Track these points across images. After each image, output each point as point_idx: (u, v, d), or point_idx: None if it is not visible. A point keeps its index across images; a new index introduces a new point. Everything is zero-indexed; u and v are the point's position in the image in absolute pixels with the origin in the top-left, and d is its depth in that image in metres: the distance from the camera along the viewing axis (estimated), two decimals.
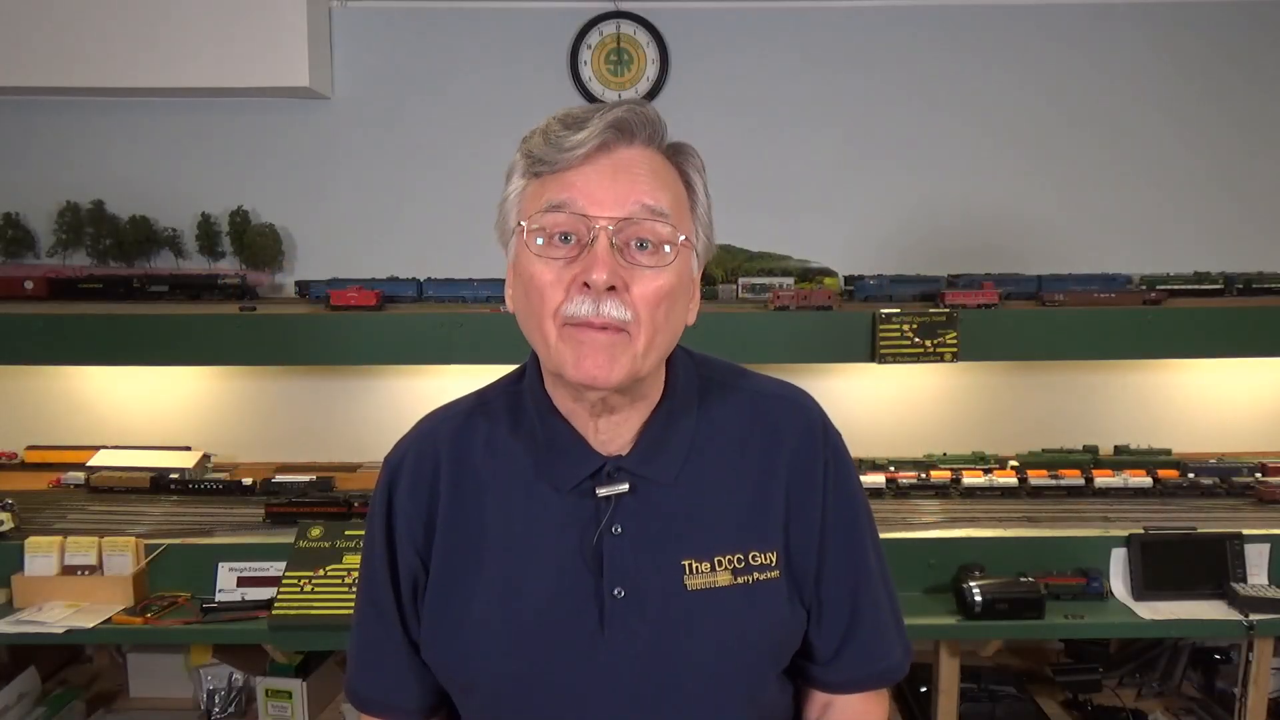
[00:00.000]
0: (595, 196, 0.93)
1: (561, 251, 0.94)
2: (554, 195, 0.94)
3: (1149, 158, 3.07)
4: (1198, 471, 2.74)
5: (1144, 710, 2.60)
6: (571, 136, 0.94)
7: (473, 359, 2.60)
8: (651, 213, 0.94)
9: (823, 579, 1.07)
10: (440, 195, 3.06)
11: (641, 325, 0.94)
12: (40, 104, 3.02)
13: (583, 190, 0.94)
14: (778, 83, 3.07)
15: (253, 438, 3.08)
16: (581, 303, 0.93)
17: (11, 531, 2.37)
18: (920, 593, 2.36)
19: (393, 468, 1.10)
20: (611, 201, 0.93)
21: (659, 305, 0.95)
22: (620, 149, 0.96)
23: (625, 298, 0.93)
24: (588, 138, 0.93)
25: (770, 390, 1.12)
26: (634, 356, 0.95)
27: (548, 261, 0.95)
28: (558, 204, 0.94)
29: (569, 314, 0.93)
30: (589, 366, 0.93)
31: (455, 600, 1.04)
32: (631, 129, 0.96)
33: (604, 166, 0.95)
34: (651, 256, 0.95)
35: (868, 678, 1.11)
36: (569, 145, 0.94)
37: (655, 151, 0.98)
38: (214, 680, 2.58)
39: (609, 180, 0.94)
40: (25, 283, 2.80)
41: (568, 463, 1.03)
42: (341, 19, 3.03)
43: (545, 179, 0.96)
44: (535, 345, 1.00)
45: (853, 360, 2.66)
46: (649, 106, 0.98)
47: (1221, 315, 2.65)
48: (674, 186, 0.99)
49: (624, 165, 0.95)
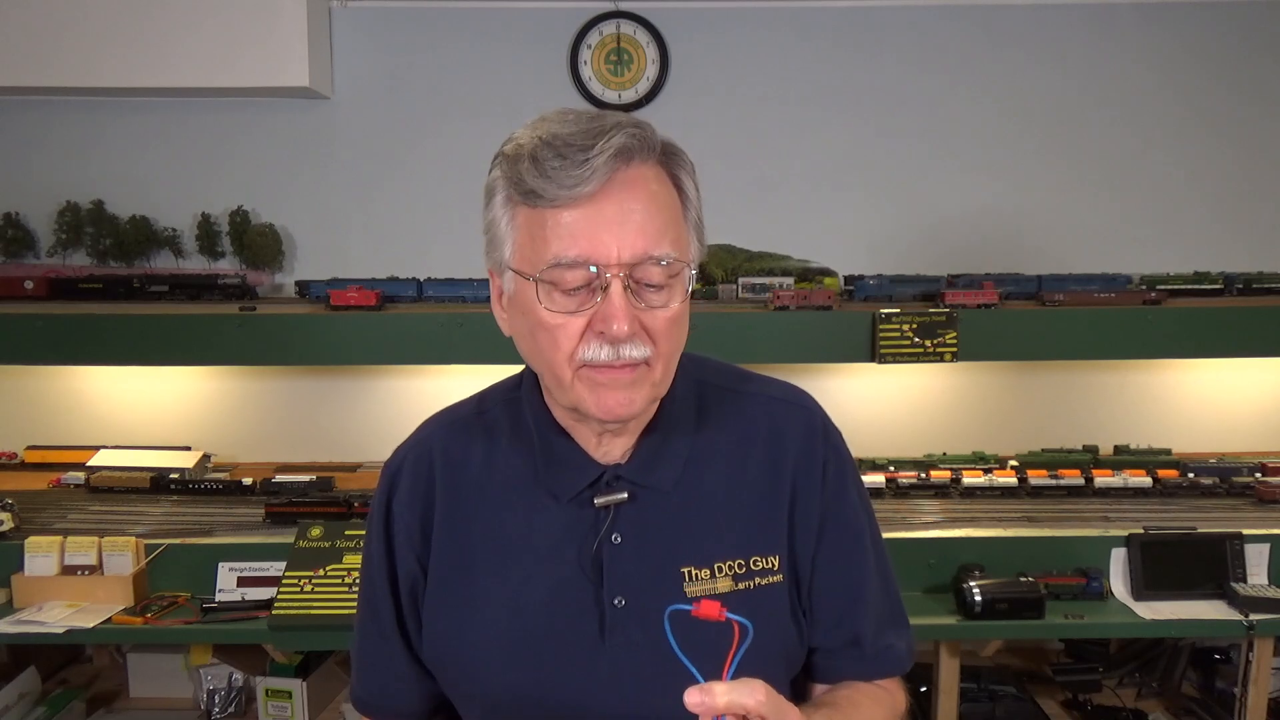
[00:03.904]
0: (602, 240, 0.90)
1: (573, 301, 0.92)
2: (559, 247, 0.90)
3: (1150, 158, 3.07)
4: (1198, 471, 2.73)
5: (1144, 710, 2.60)
6: (571, 171, 0.88)
7: (473, 359, 2.60)
8: (659, 262, 0.92)
9: (821, 573, 1.07)
10: (440, 195, 3.06)
11: (660, 357, 0.95)
12: (40, 104, 3.02)
13: (589, 237, 0.90)
14: (778, 82, 3.07)
15: (253, 438, 3.08)
16: (600, 349, 0.92)
17: (11, 531, 2.37)
18: (920, 593, 2.35)
19: (390, 475, 1.10)
20: (620, 245, 0.90)
21: (671, 333, 0.95)
22: (619, 174, 0.91)
23: (643, 337, 0.93)
24: (591, 175, 0.88)
25: (772, 393, 1.11)
26: (653, 384, 0.96)
27: (559, 313, 0.92)
28: (569, 261, 0.90)
29: (588, 359, 0.92)
30: (611, 405, 0.93)
31: (455, 610, 1.04)
32: (632, 154, 0.92)
33: (607, 206, 0.90)
34: (662, 294, 0.94)
35: (869, 670, 1.11)
36: (569, 183, 0.89)
37: (651, 165, 0.94)
38: (214, 680, 2.58)
39: (615, 222, 0.90)
40: (25, 283, 2.80)
41: (567, 472, 1.03)
42: (341, 19, 3.03)
43: (543, 212, 0.91)
44: (544, 379, 0.99)
45: (853, 360, 2.66)
46: (645, 124, 0.93)
47: (1221, 315, 2.65)
48: (670, 205, 0.95)
49: (626, 200, 0.91)
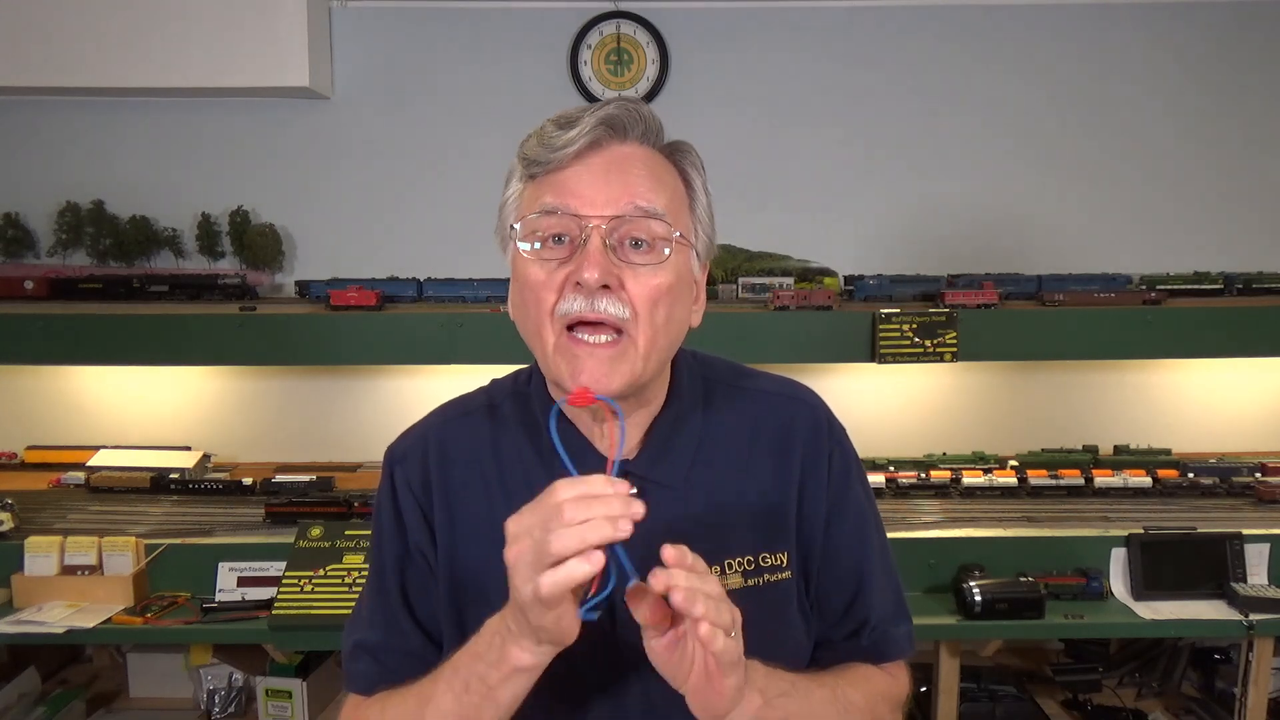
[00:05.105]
0: (586, 195, 0.92)
1: (555, 253, 0.93)
2: (547, 198, 0.93)
3: (1149, 157, 3.07)
4: (1198, 471, 2.74)
5: (1144, 710, 2.60)
6: (563, 135, 0.93)
7: (473, 359, 2.60)
8: (645, 213, 0.93)
9: (828, 564, 1.07)
10: (440, 195, 3.06)
11: (640, 324, 0.93)
12: (40, 104, 3.02)
13: (574, 190, 0.93)
14: (777, 83, 3.07)
15: (253, 438, 3.08)
16: (575, 300, 0.92)
17: (11, 531, 2.37)
18: (920, 593, 2.35)
19: (393, 459, 1.10)
20: (604, 200, 0.92)
21: (657, 304, 0.94)
22: (613, 145, 0.94)
23: (622, 295, 0.92)
24: (578, 135, 0.92)
25: (776, 389, 1.11)
26: (634, 361, 0.94)
27: (541, 263, 0.94)
28: (550, 208, 0.93)
29: (563, 311, 0.93)
30: (585, 378, 0.92)
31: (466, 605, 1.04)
32: (624, 126, 0.94)
33: (596, 165, 0.93)
34: (646, 255, 0.94)
35: (874, 656, 1.11)
36: (560, 144, 0.93)
37: (651, 149, 0.97)
38: (214, 680, 2.58)
39: (601, 178, 0.93)
40: (25, 283, 2.80)
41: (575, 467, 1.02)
42: (341, 19, 3.03)
43: (540, 180, 0.95)
44: (534, 351, 1.00)
45: (853, 360, 2.66)
46: (642, 104, 0.96)
47: (1221, 315, 2.65)
48: (671, 184, 0.97)
49: (617, 163, 0.94)
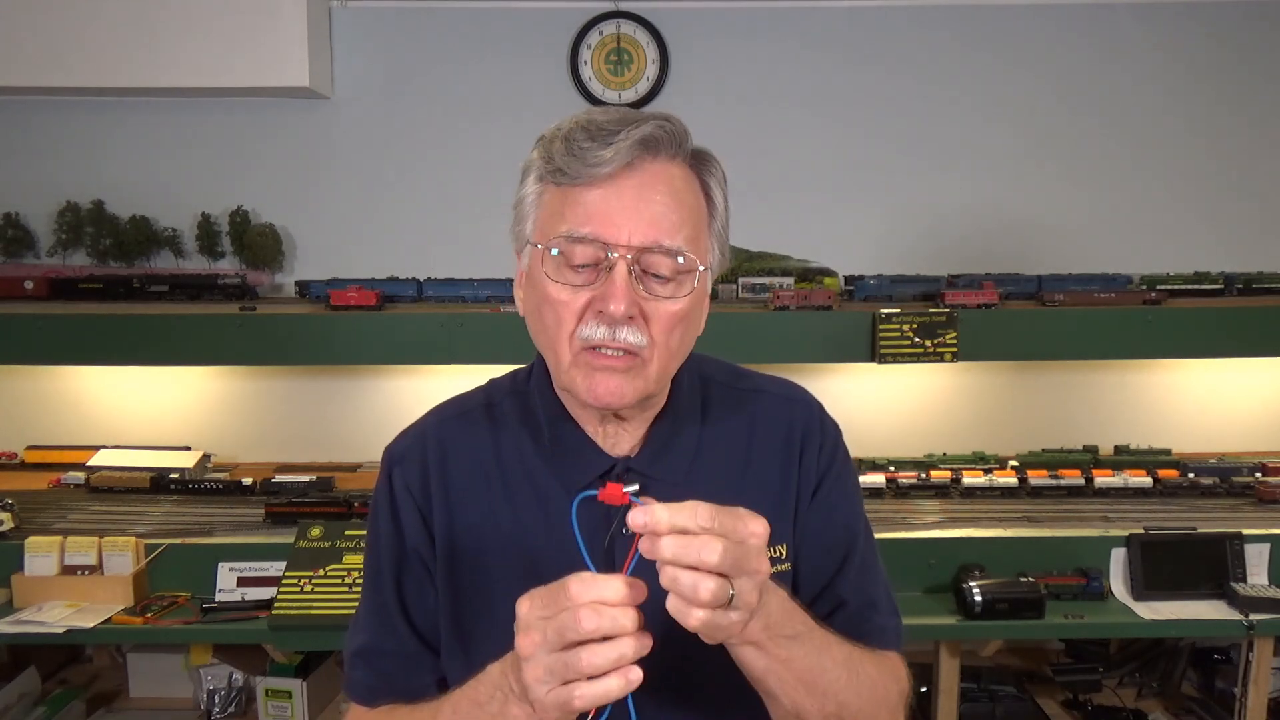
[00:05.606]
0: (615, 221, 0.92)
1: (579, 277, 0.94)
2: (574, 221, 0.93)
3: (1150, 157, 3.07)
4: (1198, 471, 2.74)
5: (1144, 710, 2.60)
6: (597, 151, 0.91)
7: (473, 359, 2.60)
8: (669, 252, 0.93)
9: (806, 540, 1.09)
10: (440, 195, 3.06)
11: (656, 350, 0.95)
12: (40, 104, 3.02)
13: (604, 215, 0.92)
14: (777, 83, 3.07)
15: (253, 438, 3.08)
16: (597, 328, 0.93)
17: (11, 531, 2.37)
18: (920, 593, 2.35)
19: (392, 459, 1.10)
20: (632, 229, 0.92)
21: (674, 331, 0.96)
22: (645, 164, 0.94)
23: (641, 325, 0.94)
24: (614, 156, 0.91)
25: (771, 389, 1.13)
26: (647, 380, 0.96)
27: (564, 285, 0.94)
28: (579, 236, 0.92)
29: (585, 337, 0.94)
30: (601, 392, 0.95)
31: (467, 604, 1.04)
32: (659, 145, 0.94)
33: (627, 190, 0.93)
34: (669, 287, 0.95)
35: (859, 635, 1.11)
36: (593, 161, 0.92)
37: (679, 164, 0.97)
38: (214, 680, 2.58)
39: (631, 206, 0.93)
40: (25, 283, 2.80)
41: (578, 464, 1.03)
42: (341, 19, 3.03)
43: (565, 190, 0.94)
44: (547, 359, 1.01)
45: (853, 360, 2.66)
46: (677, 121, 0.95)
47: (1221, 315, 2.65)
48: (694, 205, 0.97)
49: (647, 187, 0.93)
